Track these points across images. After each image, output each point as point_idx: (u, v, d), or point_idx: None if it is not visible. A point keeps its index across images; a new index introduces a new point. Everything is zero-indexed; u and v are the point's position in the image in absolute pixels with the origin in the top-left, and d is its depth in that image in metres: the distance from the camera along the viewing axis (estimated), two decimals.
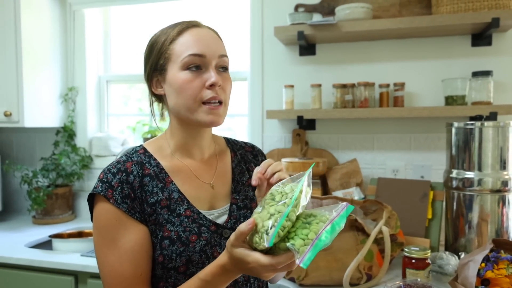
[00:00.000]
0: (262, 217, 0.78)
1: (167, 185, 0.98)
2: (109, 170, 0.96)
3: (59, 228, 2.28)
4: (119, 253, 0.91)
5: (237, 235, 0.78)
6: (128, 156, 1.01)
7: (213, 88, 0.96)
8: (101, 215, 0.94)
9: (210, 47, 0.97)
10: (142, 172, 0.97)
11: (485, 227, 1.61)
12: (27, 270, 1.83)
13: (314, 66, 2.18)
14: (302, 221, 0.77)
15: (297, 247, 0.72)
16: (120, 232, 0.92)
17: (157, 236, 0.95)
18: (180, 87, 0.96)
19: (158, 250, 0.94)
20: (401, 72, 2.07)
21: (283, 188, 0.82)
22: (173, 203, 0.97)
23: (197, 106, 0.96)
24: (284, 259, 0.75)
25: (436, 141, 2.04)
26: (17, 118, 2.25)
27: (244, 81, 2.38)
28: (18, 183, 2.55)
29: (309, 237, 0.73)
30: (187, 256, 0.93)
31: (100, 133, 2.64)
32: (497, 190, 1.59)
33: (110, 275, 0.92)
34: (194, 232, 0.95)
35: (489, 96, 1.89)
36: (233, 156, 1.12)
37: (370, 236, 1.49)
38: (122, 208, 0.92)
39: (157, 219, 0.95)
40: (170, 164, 1.02)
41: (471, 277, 1.24)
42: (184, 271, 0.94)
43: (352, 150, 2.15)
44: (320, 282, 1.47)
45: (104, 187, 0.94)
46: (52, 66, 2.45)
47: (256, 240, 0.77)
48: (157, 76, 1.02)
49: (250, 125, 2.29)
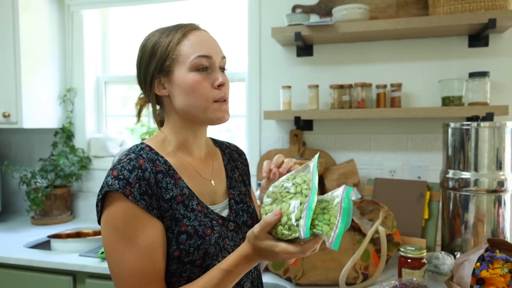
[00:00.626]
0: (283, 209, 0.82)
1: (177, 182, 1.00)
2: (123, 167, 0.95)
3: (57, 229, 2.28)
4: (138, 250, 0.91)
5: (263, 226, 0.83)
6: (137, 154, 1.00)
7: (221, 88, 1.02)
8: (118, 213, 0.92)
9: (215, 49, 1.02)
10: (155, 169, 0.98)
11: (481, 227, 1.62)
12: (26, 270, 1.84)
13: (311, 67, 2.19)
14: (318, 207, 0.83)
15: (325, 232, 0.79)
16: (139, 229, 0.92)
17: (173, 232, 0.96)
18: (191, 88, 0.99)
19: (174, 245, 0.95)
20: (398, 72, 2.08)
21: (294, 180, 0.87)
22: (186, 198, 0.99)
23: (210, 104, 1.01)
24: (312, 244, 0.81)
25: (433, 142, 2.05)
26: (15, 119, 2.26)
27: (241, 82, 2.38)
28: (16, 184, 2.56)
29: (331, 221, 0.80)
30: (204, 249, 0.96)
31: (98, 134, 2.64)
32: (493, 191, 1.60)
33: (129, 273, 0.91)
34: (208, 226, 0.99)
35: (486, 97, 1.90)
36: (223, 155, 1.19)
37: (366, 236, 1.50)
38: (141, 205, 0.92)
39: (173, 215, 0.96)
40: (176, 161, 1.04)
41: (466, 276, 1.25)
42: (201, 264, 0.96)
43: (349, 151, 2.16)
44: (316, 281, 1.47)
45: (121, 184, 0.92)
46: (51, 67, 2.46)
47: (282, 232, 0.81)
48: (161, 77, 1.03)
49: (248, 126, 2.30)
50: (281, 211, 0.82)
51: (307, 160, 1.97)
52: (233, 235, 1.04)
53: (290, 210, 0.81)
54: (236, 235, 1.05)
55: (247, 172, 1.24)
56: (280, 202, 0.84)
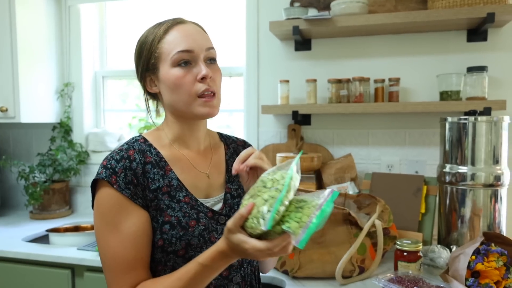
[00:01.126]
0: (256, 203, 0.81)
1: (167, 173, 1.03)
2: (112, 157, 1.00)
3: (56, 223, 2.29)
4: (121, 237, 0.95)
5: (237, 219, 0.82)
6: (130, 145, 1.04)
7: (205, 81, 1.01)
8: (104, 200, 0.97)
9: (196, 42, 1.01)
10: (144, 159, 1.01)
11: (477, 222, 1.62)
12: (24, 263, 1.84)
13: (309, 61, 2.19)
14: (294, 206, 0.81)
15: (292, 229, 0.77)
16: (123, 216, 0.95)
17: (157, 221, 0.98)
18: (173, 84, 1.00)
19: (158, 235, 0.98)
20: (396, 67, 2.08)
21: (273, 176, 0.86)
22: (173, 190, 1.01)
23: (193, 100, 1.01)
24: (279, 241, 0.79)
25: (430, 137, 2.05)
26: (13, 114, 2.26)
27: (240, 77, 2.38)
28: (15, 178, 2.56)
29: (302, 220, 0.78)
30: (186, 240, 0.97)
31: (96, 128, 2.64)
32: (490, 185, 1.60)
33: (112, 258, 0.95)
34: (193, 218, 1.00)
35: (484, 91, 1.90)
36: (226, 149, 1.18)
37: (363, 230, 1.50)
38: (125, 193, 0.96)
39: (158, 205, 0.99)
40: (169, 153, 1.06)
41: (461, 269, 1.26)
42: (183, 254, 0.98)
43: (347, 145, 2.16)
44: (313, 274, 1.48)
45: (108, 173, 0.97)
46: (48, 61, 2.46)
47: (251, 225, 0.80)
48: (150, 75, 1.06)
49: (246, 121, 2.30)
50: (254, 204, 0.82)
51: (304, 155, 1.98)
52: (224, 229, 1.04)
53: (261, 203, 0.81)
54: None
55: None
56: (256, 197, 0.83)
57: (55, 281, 1.80)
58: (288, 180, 0.82)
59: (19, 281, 1.84)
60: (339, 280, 1.43)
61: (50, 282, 1.81)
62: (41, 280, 1.82)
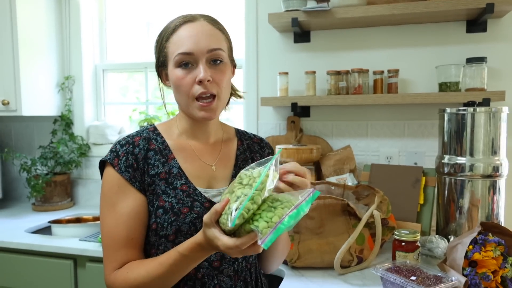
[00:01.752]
0: (230, 199, 0.82)
1: (169, 161, 1.07)
2: (119, 142, 1.08)
3: (58, 215, 2.31)
4: (116, 216, 1.01)
5: (212, 214, 0.83)
6: (138, 132, 1.11)
7: (202, 84, 1.02)
8: (106, 180, 1.05)
9: (198, 44, 1.02)
10: (148, 146, 1.07)
11: (475, 212, 1.63)
12: (27, 254, 1.87)
13: (308, 53, 2.19)
14: (268, 204, 0.81)
15: (260, 229, 0.77)
16: (120, 197, 1.02)
17: (153, 205, 1.03)
18: (175, 84, 1.05)
19: (153, 218, 1.03)
20: (395, 58, 2.08)
21: (251, 172, 0.86)
22: (172, 177, 1.05)
23: (191, 102, 1.05)
24: (246, 240, 0.79)
25: (429, 128, 2.06)
26: (14, 107, 2.27)
27: (239, 69, 2.38)
28: (17, 171, 2.58)
29: (273, 220, 0.78)
30: (177, 226, 1.01)
31: (97, 121, 2.66)
32: (488, 176, 1.61)
33: (107, 235, 1.02)
34: (187, 205, 1.03)
35: (483, 82, 1.90)
36: (239, 145, 1.21)
37: (361, 220, 1.51)
38: (124, 175, 1.02)
39: (155, 190, 1.04)
40: (175, 143, 1.11)
41: (459, 259, 1.27)
42: (173, 239, 1.02)
43: (346, 137, 2.17)
44: (312, 264, 1.49)
45: (112, 155, 1.05)
46: (48, 55, 2.46)
47: (223, 221, 0.81)
48: (164, 70, 1.11)
49: (246, 113, 2.31)
50: (228, 200, 0.82)
51: (303, 146, 1.99)
52: None
53: (233, 200, 0.81)
54: None
55: None
56: (231, 193, 0.84)
57: (57, 271, 1.82)
58: (262, 178, 0.81)
59: (22, 271, 1.87)
60: (337, 270, 1.44)
61: (52, 272, 1.83)
62: (44, 270, 1.84)
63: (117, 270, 1.00)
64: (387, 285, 1.28)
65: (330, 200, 1.53)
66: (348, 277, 1.43)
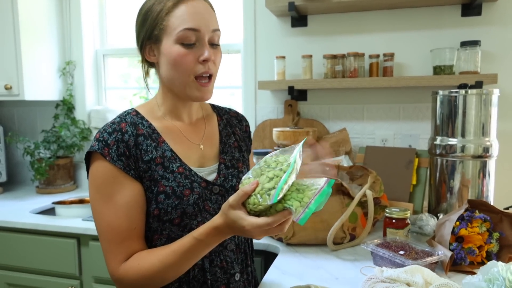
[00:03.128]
0: (260, 180, 0.86)
1: (160, 145, 1.04)
2: (104, 130, 1.01)
3: (61, 197, 2.37)
4: (115, 208, 0.97)
5: (240, 195, 0.84)
6: (122, 118, 1.05)
7: (205, 63, 1.01)
8: (98, 172, 0.98)
9: (204, 21, 1.00)
10: (136, 132, 1.03)
11: (465, 192, 1.68)
12: (32, 234, 1.93)
13: (305, 37, 2.22)
14: (295, 187, 0.85)
15: (294, 207, 0.82)
16: (116, 188, 0.98)
17: (152, 192, 1.01)
18: (174, 60, 1.00)
19: (153, 204, 1.00)
20: (391, 42, 2.11)
21: (277, 158, 0.90)
22: (167, 161, 1.03)
23: (190, 81, 1.02)
24: (279, 217, 0.82)
25: (424, 111, 2.10)
26: (17, 91, 2.32)
27: (237, 54, 2.42)
28: (21, 155, 2.64)
29: (304, 200, 0.82)
30: (181, 209, 1.00)
31: (98, 106, 2.70)
32: (479, 156, 1.65)
33: (106, 229, 0.98)
34: (188, 187, 1.02)
35: (477, 66, 1.93)
36: (219, 120, 1.20)
37: (354, 199, 1.56)
38: (118, 165, 0.97)
39: (152, 176, 1.01)
40: (161, 125, 1.08)
41: (446, 234, 1.32)
42: (179, 223, 1.01)
43: (342, 120, 2.21)
44: (306, 241, 1.55)
45: (100, 145, 0.98)
46: (49, 40, 2.50)
47: (254, 202, 0.84)
48: (151, 44, 1.05)
49: (244, 97, 2.35)
50: (258, 182, 0.85)
51: (300, 129, 2.03)
52: (218, 198, 1.07)
53: (266, 181, 0.85)
54: (222, 199, 1.08)
55: (246, 138, 1.25)
56: (260, 175, 0.87)
57: (62, 249, 1.89)
58: (294, 162, 0.86)
59: (28, 250, 1.93)
60: (330, 246, 1.50)
61: (57, 251, 1.89)
62: (49, 249, 1.90)
63: (125, 263, 0.97)
64: (377, 260, 1.33)
65: None
66: (340, 253, 1.49)
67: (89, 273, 1.89)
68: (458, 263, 1.29)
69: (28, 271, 1.96)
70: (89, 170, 1.02)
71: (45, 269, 1.92)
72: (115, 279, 0.98)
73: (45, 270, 1.93)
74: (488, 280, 0.98)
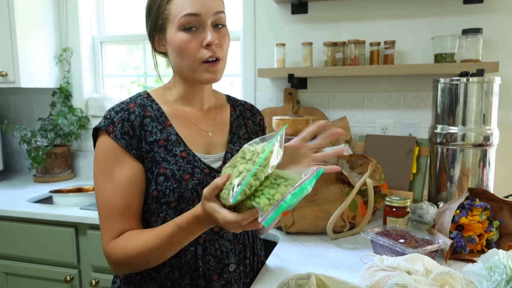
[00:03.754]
0: (232, 174, 0.80)
1: (166, 128, 1.06)
2: (113, 108, 1.05)
3: (59, 186, 2.35)
4: (113, 184, 0.99)
5: (212, 188, 0.81)
6: (132, 99, 1.09)
7: (210, 48, 1.01)
8: (101, 148, 1.02)
9: (205, 5, 1.00)
10: (144, 113, 1.05)
11: (465, 181, 1.67)
12: (29, 222, 1.91)
13: (306, 25, 2.19)
14: (271, 181, 0.79)
15: (261, 206, 0.75)
16: (116, 165, 1.00)
17: (152, 173, 1.02)
18: (178, 48, 1.02)
19: (153, 186, 1.02)
20: (392, 30, 2.09)
21: (255, 147, 0.83)
22: (170, 144, 1.04)
23: (197, 65, 1.03)
24: (247, 216, 0.77)
25: (425, 99, 2.08)
26: (13, 79, 2.29)
27: (237, 41, 2.39)
28: (17, 143, 2.62)
29: (275, 197, 0.76)
30: (179, 193, 1.01)
31: (96, 94, 2.68)
32: (479, 145, 1.64)
33: (103, 204, 1.00)
34: (188, 172, 1.02)
35: (478, 54, 1.91)
36: (232, 111, 1.21)
37: (354, 187, 1.55)
38: (120, 143, 1.00)
39: (154, 157, 1.02)
40: (171, 109, 1.10)
41: (446, 223, 1.31)
42: (175, 206, 1.02)
43: (342, 109, 2.20)
44: (305, 230, 1.54)
45: (106, 122, 1.02)
46: (45, 26, 2.46)
47: (223, 196, 0.79)
48: (158, 34, 1.07)
49: (243, 85, 2.33)
50: (230, 175, 0.80)
51: (299, 117, 2.02)
52: None
53: (235, 175, 0.79)
54: None
55: (258, 132, 1.25)
56: (234, 167, 0.82)
57: (60, 238, 1.88)
58: (266, 154, 0.78)
59: (26, 239, 1.92)
60: (330, 235, 1.49)
61: (55, 240, 1.89)
62: (46, 238, 1.89)
63: (114, 240, 0.98)
64: (377, 248, 1.33)
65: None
66: (340, 242, 1.48)
67: (88, 262, 1.88)
68: (458, 251, 1.29)
69: (26, 260, 1.95)
70: (95, 145, 1.05)
71: (43, 258, 1.92)
72: (105, 254, 1.00)
73: (43, 259, 1.92)
74: (489, 268, 0.98)
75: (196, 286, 1.05)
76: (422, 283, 0.90)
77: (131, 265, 0.98)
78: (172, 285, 1.05)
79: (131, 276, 1.07)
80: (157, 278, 1.05)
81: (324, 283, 0.96)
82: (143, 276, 1.06)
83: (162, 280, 1.05)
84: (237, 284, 1.11)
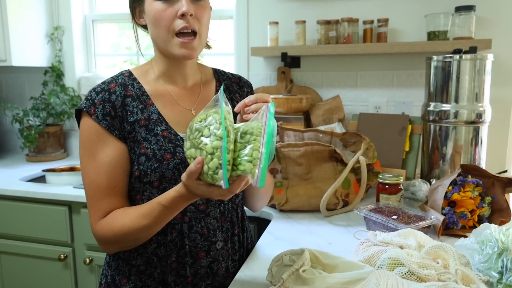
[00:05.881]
0: (204, 158, 0.77)
1: (147, 107, 1.04)
2: (94, 89, 1.03)
3: (52, 165, 2.35)
4: (97, 165, 0.99)
5: (189, 175, 0.81)
6: (113, 78, 1.07)
7: (185, 18, 0.97)
8: (84, 129, 1.01)
9: None
10: (125, 93, 1.03)
11: (458, 158, 1.69)
12: (23, 201, 1.91)
13: (299, 3, 2.17)
14: (240, 142, 0.78)
15: (248, 171, 0.75)
16: (99, 146, 1.00)
17: (135, 153, 1.02)
18: (154, 18, 0.99)
19: (135, 166, 1.01)
20: (385, 8, 2.07)
21: (207, 122, 0.80)
22: (152, 123, 1.03)
23: (171, 38, 0.99)
24: (238, 184, 0.79)
25: (417, 78, 2.08)
26: (4, 57, 2.26)
27: (230, 19, 2.36)
28: (9, 122, 2.60)
29: (253, 156, 0.75)
30: (160, 172, 1.00)
31: (88, 73, 2.65)
32: (472, 122, 1.65)
33: (89, 185, 1.00)
34: (169, 151, 1.01)
35: (471, 31, 1.91)
36: (217, 86, 1.17)
37: (347, 165, 1.56)
38: (102, 124, 0.99)
39: (135, 137, 1.02)
40: (153, 88, 1.07)
41: (438, 199, 1.33)
42: (158, 186, 1.01)
43: (335, 88, 2.19)
44: (299, 207, 1.55)
45: (87, 104, 1.00)
46: (36, 4, 2.42)
47: (207, 180, 0.78)
48: (138, 7, 1.05)
49: (236, 63, 2.31)
50: (202, 160, 0.77)
51: (293, 96, 2.01)
52: None
53: (208, 159, 0.77)
54: None
55: None
56: (198, 150, 0.79)
57: (53, 217, 1.88)
58: (224, 123, 0.77)
59: (19, 217, 1.92)
60: (323, 212, 1.51)
61: (49, 218, 1.89)
62: (40, 216, 1.90)
63: (102, 219, 0.99)
64: (370, 225, 1.34)
65: (318, 146, 1.57)
66: (333, 219, 1.50)
67: (81, 240, 1.89)
68: (450, 227, 1.31)
69: (19, 239, 1.96)
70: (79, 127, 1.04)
71: (37, 236, 1.92)
72: (93, 234, 1.01)
73: (37, 237, 1.92)
74: (481, 242, 0.99)
75: (183, 264, 1.06)
76: (414, 257, 0.91)
77: (119, 244, 0.99)
78: (158, 260, 1.05)
79: (119, 252, 1.08)
80: (144, 254, 1.06)
81: (317, 258, 0.97)
82: (131, 252, 1.07)
83: (149, 256, 1.05)
84: (225, 261, 1.11)
